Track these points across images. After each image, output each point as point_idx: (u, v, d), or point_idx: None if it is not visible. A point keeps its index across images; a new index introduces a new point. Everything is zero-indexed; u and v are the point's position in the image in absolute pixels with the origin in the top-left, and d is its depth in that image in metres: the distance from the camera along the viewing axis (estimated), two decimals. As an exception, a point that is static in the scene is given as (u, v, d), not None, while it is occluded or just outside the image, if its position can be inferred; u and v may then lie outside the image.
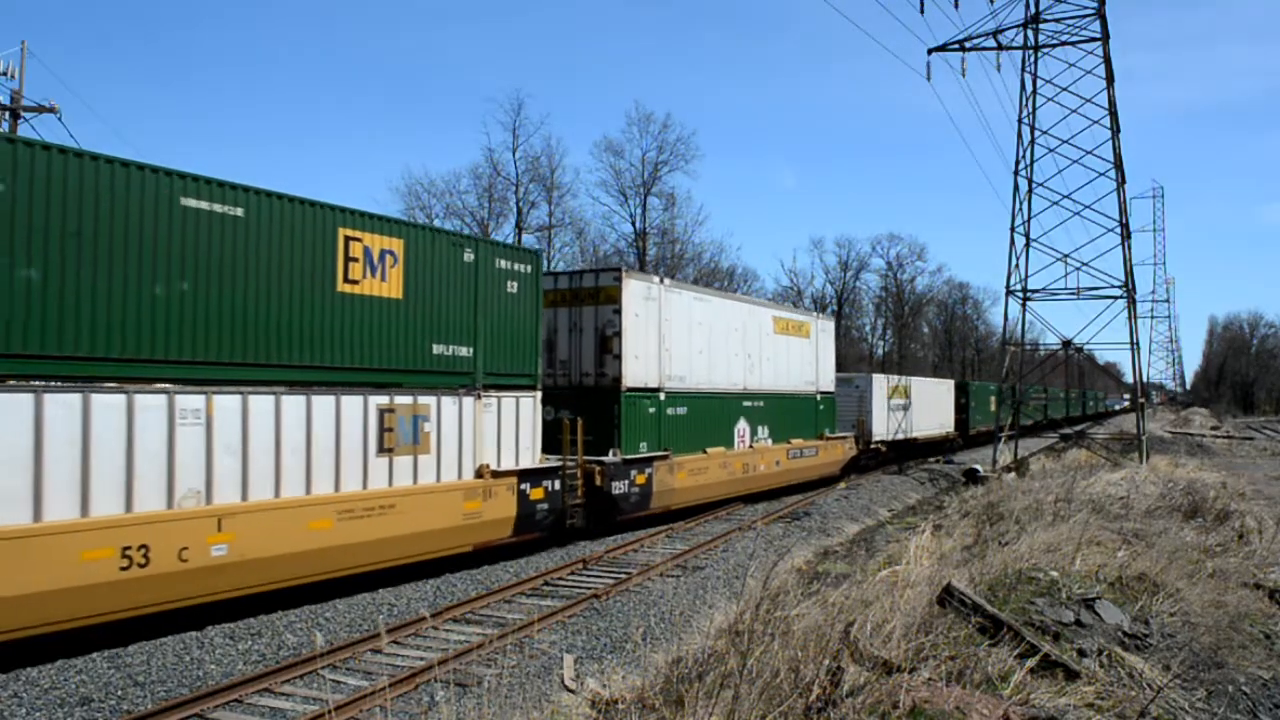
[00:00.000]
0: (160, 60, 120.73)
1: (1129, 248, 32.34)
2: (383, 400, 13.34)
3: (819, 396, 28.36)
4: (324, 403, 12.47)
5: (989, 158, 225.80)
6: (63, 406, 9.70)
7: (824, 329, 29.11)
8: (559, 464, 16.77)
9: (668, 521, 20.23)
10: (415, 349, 13.94)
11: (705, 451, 21.58)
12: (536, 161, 53.91)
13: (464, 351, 14.84)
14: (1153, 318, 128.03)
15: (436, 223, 50.03)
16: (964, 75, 36.95)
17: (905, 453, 36.66)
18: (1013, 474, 27.65)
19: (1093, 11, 32.99)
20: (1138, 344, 32.25)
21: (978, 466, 32.10)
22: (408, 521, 13.50)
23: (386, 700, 8.59)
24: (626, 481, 18.51)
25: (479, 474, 15.00)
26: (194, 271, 11.00)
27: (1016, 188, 33.84)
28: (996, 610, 7.56)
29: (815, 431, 27.96)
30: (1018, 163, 33.88)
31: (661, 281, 20.45)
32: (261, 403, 11.65)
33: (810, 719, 5.43)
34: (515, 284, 15.88)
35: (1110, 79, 32.57)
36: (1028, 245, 33.60)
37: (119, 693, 9.12)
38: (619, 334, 18.70)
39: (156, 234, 10.62)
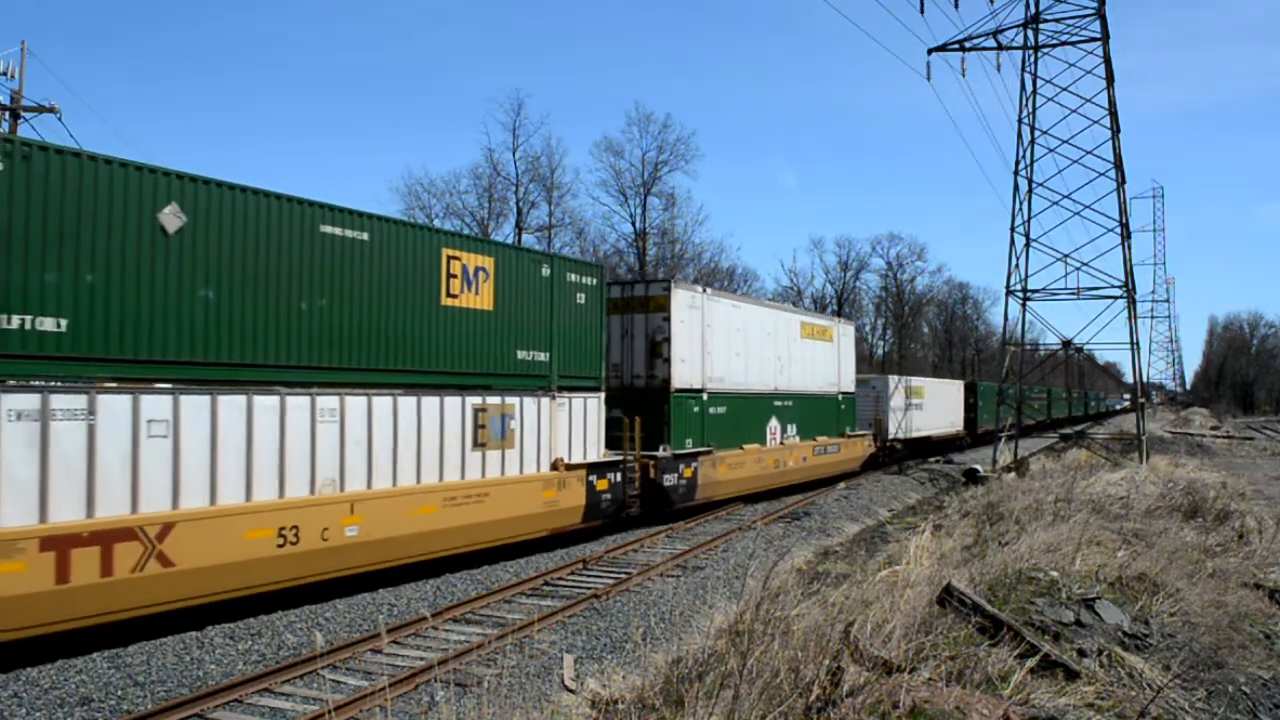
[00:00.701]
0: (160, 59, 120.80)
1: (1129, 248, 32.37)
2: (477, 400, 15.10)
3: (841, 397, 29.97)
4: (430, 403, 14.21)
5: (989, 158, 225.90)
6: (232, 407, 11.40)
7: (845, 333, 30.88)
8: (620, 458, 18.58)
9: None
10: (503, 355, 15.73)
11: (742, 448, 23.20)
12: (536, 161, 53.94)
13: (542, 357, 16.55)
14: (1153, 318, 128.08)
15: (436, 222, 50.06)
16: (964, 75, 37.01)
17: (919, 450, 37.97)
18: (1013, 474, 27.65)
19: (1093, 11, 33.02)
20: (1138, 344, 32.27)
21: (978, 466, 32.12)
22: (498, 508, 15.27)
23: (386, 700, 8.59)
24: (676, 475, 20.11)
25: (554, 467, 16.80)
26: (330, 289, 12.70)
27: (1016, 188, 33.87)
28: (996, 610, 7.56)
29: (838, 429, 29.56)
30: (1018, 163, 33.92)
31: (704, 291, 22.11)
32: (382, 403, 13.38)
33: (810, 719, 5.43)
34: (583, 295, 17.64)
35: (1110, 79, 32.58)
36: (1028, 245, 33.62)
37: (119, 693, 9.12)
38: (668, 339, 20.30)
39: (301, 257, 12.35)
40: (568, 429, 17.17)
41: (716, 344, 22.07)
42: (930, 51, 35.60)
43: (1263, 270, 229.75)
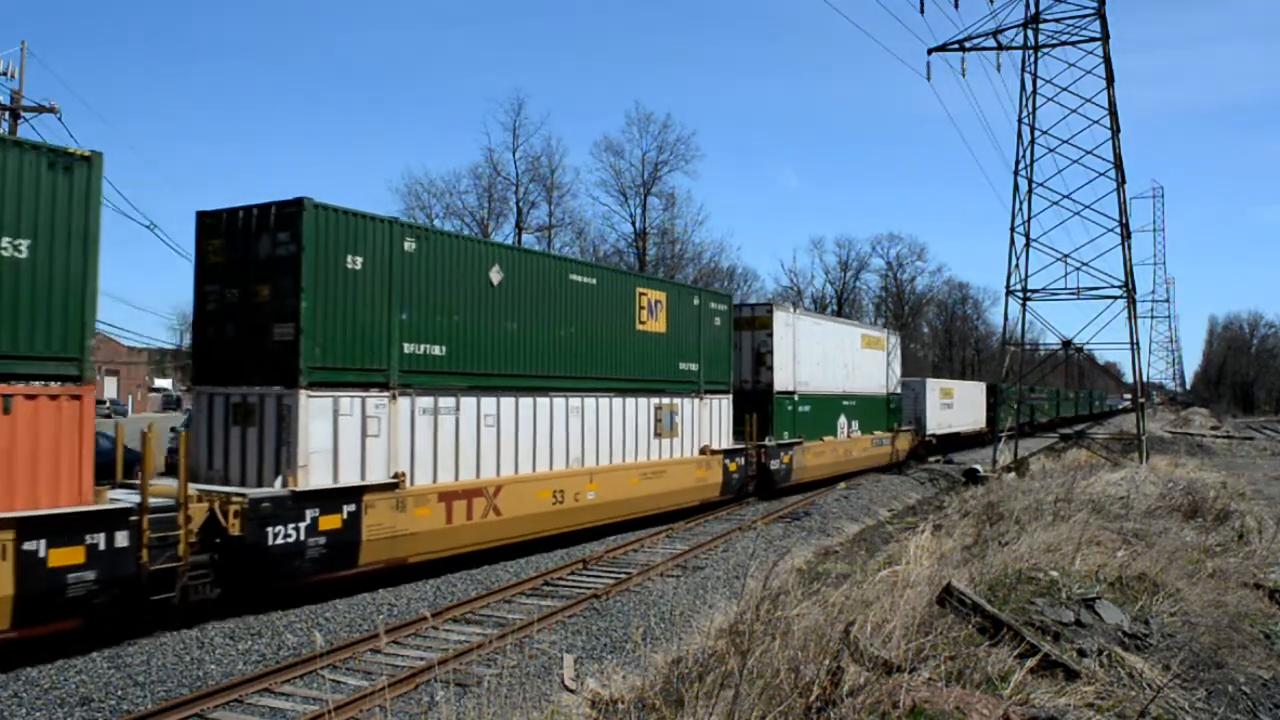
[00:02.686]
0: (159, 58, 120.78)
1: (1129, 248, 32.37)
2: (657, 401, 20.10)
3: (890, 397, 34.68)
4: (631, 403, 19.23)
5: (989, 158, 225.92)
6: (527, 406, 16.37)
7: (893, 344, 35.62)
8: (743, 446, 23.43)
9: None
10: (671, 366, 20.70)
11: (822, 439, 28.19)
12: (536, 161, 53.96)
13: (693, 367, 21.49)
14: (1153, 318, 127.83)
15: (436, 223, 50.07)
16: (964, 75, 36.90)
17: (949, 444, 42.89)
18: (1013, 474, 27.66)
19: (1092, 11, 33.01)
20: (1138, 344, 32.27)
21: (978, 466, 32.13)
22: (670, 482, 20.30)
23: (386, 700, 8.59)
24: (779, 460, 25.06)
25: (702, 451, 21.73)
26: (574, 321, 17.53)
27: (1016, 188, 33.87)
28: (996, 610, 7.55)
29: (887, 425, 34.17)
30: (1018, 163, 33.92)
31: (794, 310, 27.56)
32: (603, 402, 18.42)
33: (810, 719, 5.43)
34: (718, 319, 22.75)
35: (1110, 79, 32.57)
36: (1028, 245, 33.61)
37: (119, 693, 9.12)
38: (770, 351, 25.18)
39: (558, 299, 17.14)
40: (709, 422, 22.13)
41: (802, 354, 26.86)
42: (930, 51, 35.64)
43: (1263, 270, 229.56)
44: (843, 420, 29.83)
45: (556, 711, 7.94)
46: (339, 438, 12.90)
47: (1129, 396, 78.99)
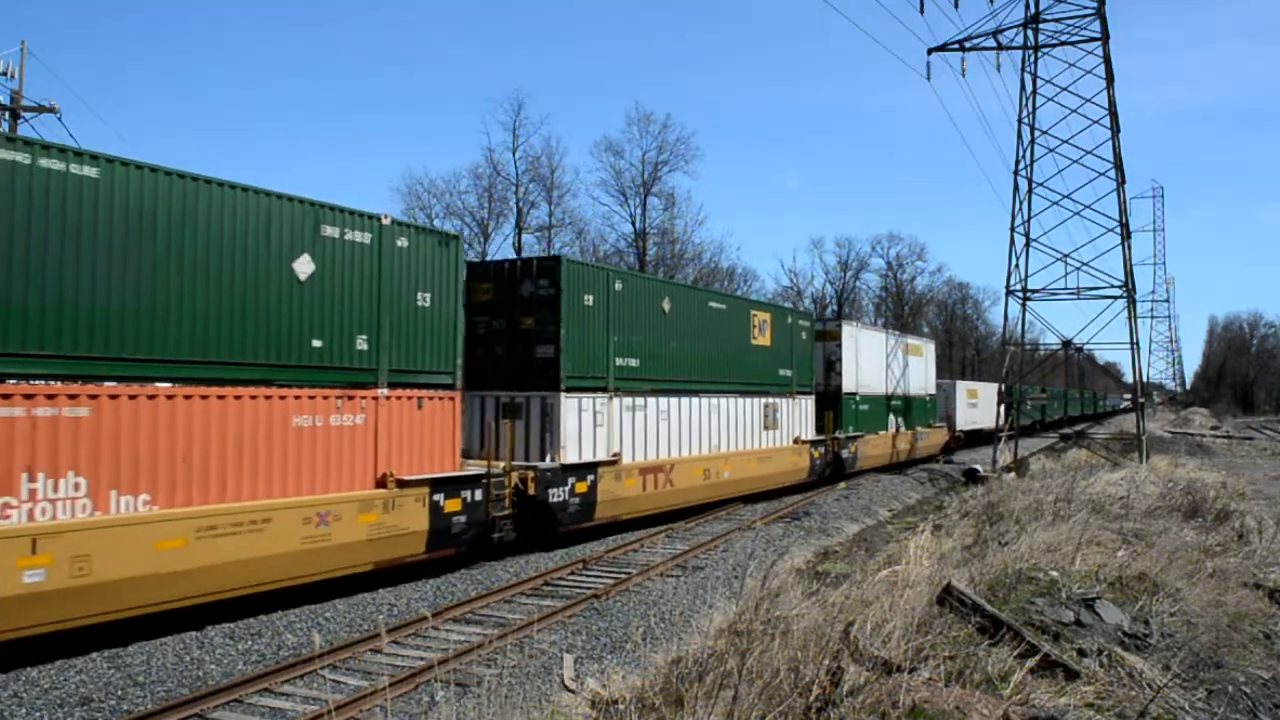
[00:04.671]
0: (160, 58, 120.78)
1: (1129, 248, 32.32)
2: (765, 400, 24.78)
3: (927, 397, 39.38)
4: (748, 402, 23.89)
5: (989, 158, 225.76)
6: (685, 404, 20.99)
7: (929, 350, 40.47)
8: (823, 437, 28.16)
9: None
10: (774, 372, 25.46)
11: (877, 434, 32.50)
12: (536, 161, 53.88)
13: (788, 373, 26.20)
14: (1153, 318, 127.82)
15: (436, 223, 50.08)
16: (964, 75, 36.83)
17: (974, 439, 47.52)
18: (1012, 474, 27.65)
19: (1092, 11, 32.98)
20: (1138, 344, 32.23)
21: (978, 466, 32.13)
22: (774, 466, 25.04)
23: (386, 700, 8.59)
24: (848, 450, 29.63)
25: (796, 441, 26.37)
26: (713, 338, 22.24)
27: (1016, 188, 33.85)
28: (996, 610, 7.56)
29: (925, 422, 38.75)
30: (1018, 163, 33.88)
31: (856, 324, 32.64)
32: (731, 401, 23.05)
33: (810, 719, 5.43)
34: (804, 333, 27.67)
35: (1110, 79, 32.55)
36: (1028, 245, 33.59)
37: (119, 693, 9.12)
38: (839, 359, 29.96)
39: (701, 322, 21.86)
40: (799, 418, 26.74)
41: (862, 361, 31.38)
42: (930, 51, 35.58)
43: (1263, 270, 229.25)
44: (891, 417, 34.16)
45: (556, 711, 7.94)
46: (581, 427, 17.60)
47: (1129, 396, 79.00)
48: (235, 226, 11.51)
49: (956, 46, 34.93)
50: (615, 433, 18.44)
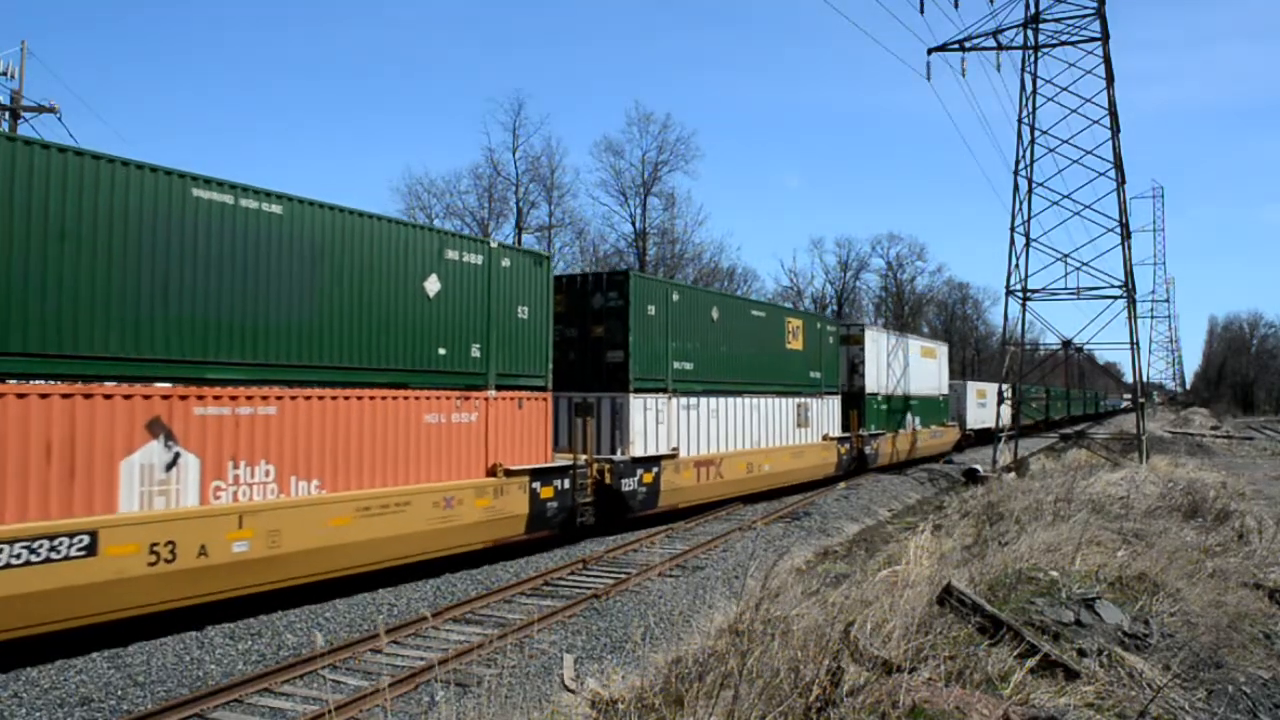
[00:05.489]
0: (159, 58, 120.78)
1: (1129, 248, 32.34)
2: (797, 400, 26.70)
3: (941, 397, 41.68)
4: (784, 402, 25.85)
5: (989, 158, 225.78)
6: (732, 404, 22.95)
7: (942, 352, 42.91)
8: (849, 435, 30.36)
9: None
10: (805, 374, 27.36)
11: (896, 432, 34.71)
12: (536, 161, 53.93)
13: (818, 375, 28.16)
14: (1153, 318, 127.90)
15: (436, 223, 50.06)
16: (964, 75, 36.87)
17: (982, 437, 49.07)
18: (1012, 474, 27.64)
19: (1092, 11, 32.99)
20: (1138, 344, 32.24)
21: (977, 466, 32.13)
22: (807, 460, 27.01)
23: (386, 700, 8.59)
24: (871, 446, 31.73)
25: (825, 438, 28.46)
26: (754, 343, 24.22)
27: (1016, 188, 33.85)
28: (996, 610, 7.55)
29: (939, 421, 41.06)
30: (1018, 163, 33.89)
31: (877, 329, 35.63)
32: (770, 401, 24.97)
33: (810, 719, 5.43)
34: (831, 338, 29.77)
35: (1110, 79, 32.55)
36: (1028, 245, 33.59)
37: (119, 693, 9.12)
38: (862, 361, 31.93)
39: (743, 328, 23.72)
40: (828, 416, 28.84)
41: (882, 364, 33.49)
42: (930, 51, 35.61)
43: (1263, 270, 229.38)
44: (909, 416, 36.33)
45: (556, 711, 7.94)
46: (646, 424, 19.48)
47: (1129, 396, 79.00)
48: (381, 253, 13.40)
49: (956, 46, 34.94)
50: (673, 429, 20.41)
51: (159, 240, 10.63)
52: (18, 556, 9.12)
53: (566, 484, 16.82)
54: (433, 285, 14.25)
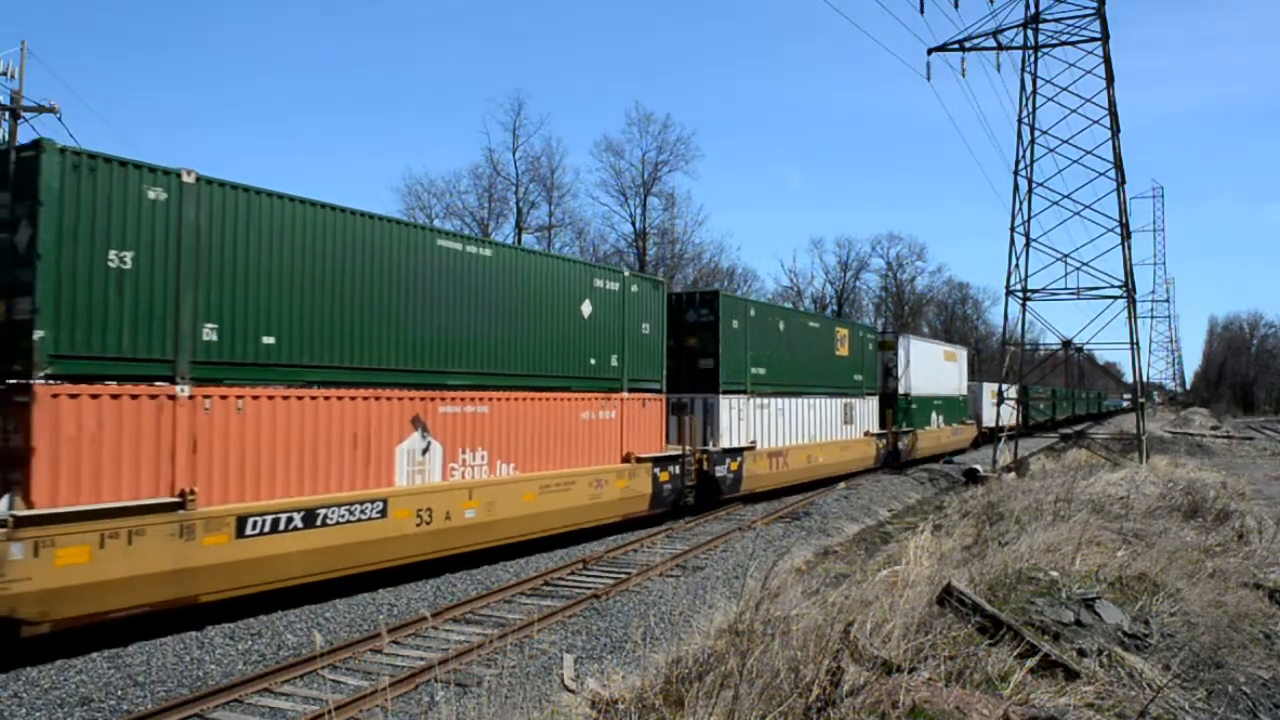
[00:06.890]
0: (159, 57, 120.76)
1: (1129, 248, 32.31)
2: (844, 400, 29.87)
3: (960, 397, 44.61)
4: (834, 402, 28.99)
5: (989, 158, 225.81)
6: (793, 403, 26.05)
7: (963, 356, 46.02)
8: (885, 431, 33.63)
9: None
10: (850, 377, 30.51)
11: (924, 429, 37.72)
12: (537, 161, 53.97)
13: (860, 378, 31.35)
14: (1153, 318, 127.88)
15: (436, 223, 50.09)
16: (964, 75, 36.81)
17: (995, 434, 52.21)
18: (1012, 474, 27.64)
19: (1092, 11, 32.96)
20: (1138, 344, 32.23)
21: (977, 466, 32.11)
22: (851, 454, 30.27)
23: (386, 700, 8.59)
24: (904, 442, 35.00)
25: (865, 434, 31.70)
26: (812, 350, 27.51)
27: (1016, 188, 33.84)
28: (996, 610, 7.55)
29: (960, 419, 44.09)
30: (1018, 163, 33.87)
31: (908, 335, 38.84)
32: (823, 401, 28.14)
33: (810, 719, 5.43)
34: (870, 345, 32.88)
35: (1110, 79, 32.53)
36: (1028, 245, 33.59)
37: (119, 693, 9.12)
38: (895, 365, 34.84)
39: (800, 339, 26.68)
40: (868, 415, 32.06)
41: (912, 367, 36.09)
42: (930, 51, 35.57)
43: (1263, 270, 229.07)
44: (934, 415, 39.36)
45: (556, 712, 7.94)
46: (731, 421, 22.48)
47: (1129, 396, 79.05)
48: (552, 284, 16.85)
49: (956, 46, 34.93)
50: (751, 425, 23.49)
51: (421, 281, 13.98)
52: (342, 517, 12.45)
53: (677, 470, 20.30)
54: (586, 308, 17.66)
